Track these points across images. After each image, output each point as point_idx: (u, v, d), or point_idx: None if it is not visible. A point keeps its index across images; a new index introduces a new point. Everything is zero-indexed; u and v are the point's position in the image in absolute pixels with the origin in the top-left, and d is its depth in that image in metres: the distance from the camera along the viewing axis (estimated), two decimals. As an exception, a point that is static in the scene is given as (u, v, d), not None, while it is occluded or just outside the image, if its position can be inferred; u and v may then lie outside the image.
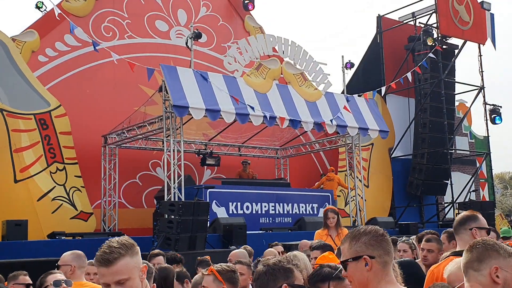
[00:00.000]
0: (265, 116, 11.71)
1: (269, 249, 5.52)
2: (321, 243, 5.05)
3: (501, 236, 8.60)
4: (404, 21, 18.77)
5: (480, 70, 17.82)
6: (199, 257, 5.89)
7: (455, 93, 17.97)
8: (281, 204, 13.31)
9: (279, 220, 13.20)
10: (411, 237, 5.91)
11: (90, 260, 4.31)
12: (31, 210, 10.92)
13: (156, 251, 5.69)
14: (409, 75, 15.64)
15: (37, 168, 11.34)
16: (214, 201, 11.97)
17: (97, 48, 11.46)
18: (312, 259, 4.59)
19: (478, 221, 3.45)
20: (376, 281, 2.26)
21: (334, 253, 4.34)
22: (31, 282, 4.23)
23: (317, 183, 15.41)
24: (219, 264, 3.48)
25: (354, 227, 2.68)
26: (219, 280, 3.26)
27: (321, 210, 13.23)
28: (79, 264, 4.21)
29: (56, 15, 11.78)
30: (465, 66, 19.76)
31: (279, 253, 6.18)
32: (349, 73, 15.51)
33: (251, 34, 15.98)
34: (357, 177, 14.39)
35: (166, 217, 9.55)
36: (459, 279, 2.85)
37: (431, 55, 15.94)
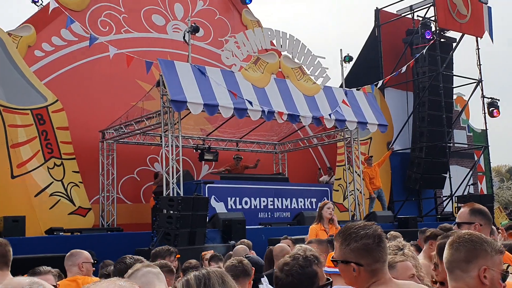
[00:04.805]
0: (263, 111, 11.63)
1: (279, 244, 5.41)
2: (317, 239, 5.08)
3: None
4: (402, 15, 18.71)
5: (478, 63, 17.81)
6: (205, 252, 5.77)
7: (453, 86, 17.95)
8: (279, 199, 13.26)
9: (277, 215, 13.16)
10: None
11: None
12: (28, 206, 10.86)
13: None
14: (403, 68, 15.61)
15: (34, 163, 11.27)
16: (213, 196, 11.92)
17: (94, 42, 11.38)
18: None
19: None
20: (364, 283, 2.26)
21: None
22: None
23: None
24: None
25: (353, 221, 2.62)
26: None
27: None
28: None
29: (51, 9, 11.68)
30: (463, 59, 19.77)
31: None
32: (348, 67, 15.44)
33: (248, 28, 15.89)
34: (356, 172, 14.35)
35: (165, 212, 9.51)
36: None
37: (424, 51, 15.90)
